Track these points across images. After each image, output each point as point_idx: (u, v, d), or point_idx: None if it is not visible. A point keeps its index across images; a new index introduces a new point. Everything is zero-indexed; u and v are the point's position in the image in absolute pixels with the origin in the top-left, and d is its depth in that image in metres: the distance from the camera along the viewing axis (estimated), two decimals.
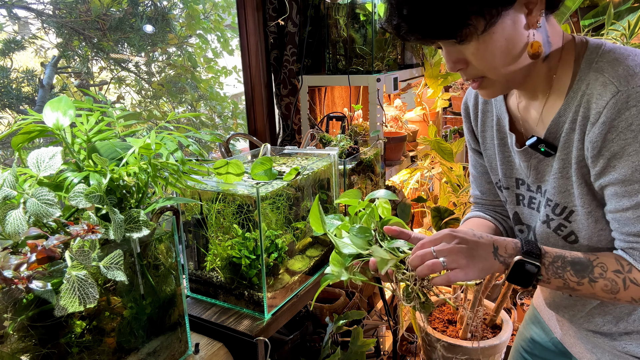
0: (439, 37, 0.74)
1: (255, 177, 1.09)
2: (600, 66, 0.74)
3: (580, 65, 0.77)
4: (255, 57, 1.87)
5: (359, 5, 1.88)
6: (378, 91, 1.83)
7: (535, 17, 0.73)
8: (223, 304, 1.15)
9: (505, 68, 0.76)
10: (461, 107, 1.06)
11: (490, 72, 0.77)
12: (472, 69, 0.78)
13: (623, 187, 0.73)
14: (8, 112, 1.61)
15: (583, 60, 0.77)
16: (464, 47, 0.75)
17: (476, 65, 0.77)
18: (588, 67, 0.75)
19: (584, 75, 0.76)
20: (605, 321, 0.90)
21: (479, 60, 0.76)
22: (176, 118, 0.95)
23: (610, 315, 0.89)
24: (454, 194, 2.06)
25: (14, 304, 0.65)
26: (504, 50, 0.74)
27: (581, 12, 2.05)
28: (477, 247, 0.76)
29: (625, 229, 0.75)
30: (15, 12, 1.62)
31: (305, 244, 1.27)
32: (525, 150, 0.88)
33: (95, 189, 0.71)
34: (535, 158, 0.87)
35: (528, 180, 0.92)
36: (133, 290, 0.82)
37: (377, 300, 2.04)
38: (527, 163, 0.89)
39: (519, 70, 0.77)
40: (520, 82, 0.81)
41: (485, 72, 0.78)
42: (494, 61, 0.75)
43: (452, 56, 0.78)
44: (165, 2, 2.05)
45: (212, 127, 2.46)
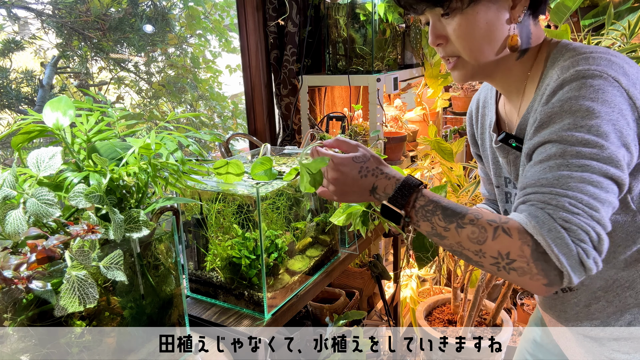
0: (429, 3, 0.79)
1: (255, 177, 1.09)
2: (559, 62, 0.77)
3: (547, 64, 0.81)
4: (255, 57, 1.87)
5: (359, 5, 1.88)
6: (378, 91, 1.83)
7: (518, 12, 0.78)
8: (223, 304, 1.14)
9: (480, 52, 0.81)
10: (466, 114, 1.11)
11: (465, 53, 0.81)
12: (450, 46, 0.83)
13: (540, 149, 0.72)
14: (7, 113, 1.61)
15: (549, 59, 0.80)
16: (448, 22, 0.80)
17: (455, 42, 0.81)
18: (552, 65, 0.79)
19: (547, 72, 0.79)
20: (593, 325, 0.88)
21: (457, 38, 0.80)
22: (176, 118, 0.95)
23: (598, 319, 0.88)
24: (454, 194, 2.06)
25: (14, 304, 0.65)
26: (483, 34, 0.79)
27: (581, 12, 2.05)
28: (354, 185, 0.79)
29: (524, 182, 0.72)
30: (14, 12, 1.62)
31: (305, 244, 1.27)
32: (501, 146, 0.91)
33: (95, 189, 0.71)
34: (512, 154, 0.90)
35: (511, 177, 0.95)
36: (133, 290, 0.81)
37: (377, 300, 2.04)
38: (506, 159, 0.92)
39: (493, 60, 0.81)
40: (491, 73, 0.85)
41: (461, 51, 0.82)
42: (471, 42, 0.80)
43: (435, 30, 0.82)
44: (165, 2, 2.05)
45: (212, 127, 2.46)
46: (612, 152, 0.67)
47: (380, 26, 1.93)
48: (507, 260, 0.66)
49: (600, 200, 0.65)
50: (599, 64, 0.70)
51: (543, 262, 0.64)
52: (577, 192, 0.65)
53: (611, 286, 0.84)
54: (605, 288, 0.85)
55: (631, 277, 0.82)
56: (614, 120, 0.67)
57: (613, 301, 0.85)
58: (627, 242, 0.80)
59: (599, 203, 0.65)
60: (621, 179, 0.67)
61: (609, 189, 0.66)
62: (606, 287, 0.84)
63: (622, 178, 0.67)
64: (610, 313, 0.86)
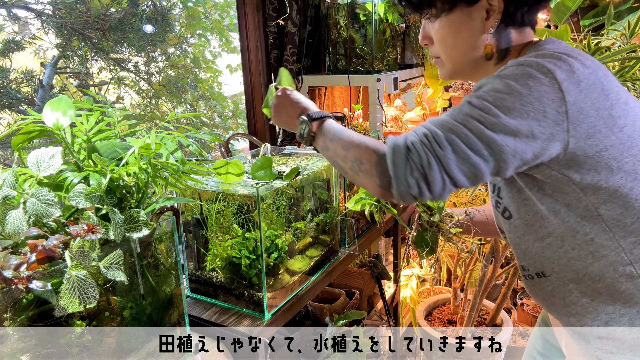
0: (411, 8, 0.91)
1: (255, 177, 1.09)
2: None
3: None
4: (255, 57, 1.87)
5: (359, 5, 1.88)
6: (378, 91, 1.83)
7: (491, 24, 0.84)
8: (223, 304, 1.15)
9: (454, 56, 0.89)
10: None
11: (443, 54, 0.90)
12: (433, 47, 0.92)
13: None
14: (7, 113, 1.61)
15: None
16: (432, 25, 0.89)
17: (436, 44, 0.90)
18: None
19: None
20: (577, 318, 0.89)
21: (437, 41, 0.90)
22: (176, 118, 0.95)
23: (578, 314, 0.88)
24: (454, 194, 2.06)
25: (14, 304, 0.65)
26: (456, 40, 0.87)
27: (581, 12, 2.05)
28: (289, 107, 0.97)
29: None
30: (14, 12, 1.62)
31: (305, 244, 1.27)
32: None
33: (95, 189, 0.71)
34: None
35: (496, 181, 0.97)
36: (133, 290, 0.81)
37: (377, 300, 2.04)
38: None
39: (467, 62, 0.89)
40: (469, 74, 0.92)
41: (440, 52, 0.91)
42: (446, 46, 0.89)
43: (424, 31, 0.92)
44: (165, 2, 2.05)
45: (212, 126, 2.46)
46: (501, 123, 0.71)
47: (380, 26, 1.93)
48: (359, 163, 0.79)
49: (454, 147, 0.71)
50: (543, 57, 0.75)
51: (382, 167, 0.76)
52: (439, 130, 0.73)
53: (582, 278, 0.85)
54: (576, 280, 0.86)
55: (601, 271, 0.82)
56: (524, 102, 0.71)
57: (586, 292, 0.86)
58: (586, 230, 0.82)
59: (451, 147, 0.71)
60: (496, 145, 0.71)
61: (474, 147, 0.71)
62: (577, 279, 0.86)
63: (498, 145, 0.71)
64: (586, 305, 0.86)
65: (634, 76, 1.49)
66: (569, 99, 0.72)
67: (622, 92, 0.79)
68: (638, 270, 0.80)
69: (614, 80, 0.78)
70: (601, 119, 0.74)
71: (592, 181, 0.77)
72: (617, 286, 0.82)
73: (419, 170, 0.72)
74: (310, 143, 0.91)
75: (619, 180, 0.77)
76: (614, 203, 0.78)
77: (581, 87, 0.73)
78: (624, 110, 0.77)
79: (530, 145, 0.72)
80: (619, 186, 0.77)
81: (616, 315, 0.83)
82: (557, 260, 0.86)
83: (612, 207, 0.79)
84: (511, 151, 0.71)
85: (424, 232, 1.00)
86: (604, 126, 0.75)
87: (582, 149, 0.75)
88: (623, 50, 1.44)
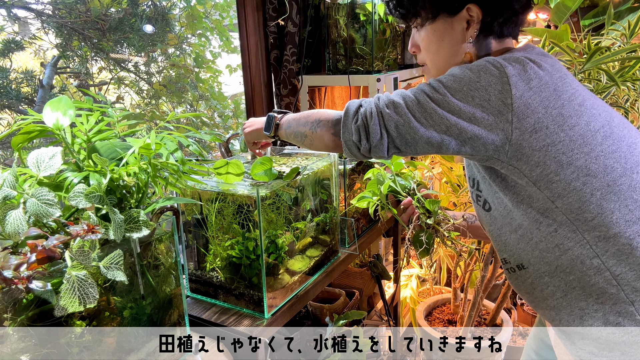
0: (399, 18, 0.98)
1: (255, 177, 1.09)
2: None
3: None
4: (255, 57, 1.87)
5: (359, 5, 1.88)
6: (378, 91, 1.83)
7: (470, 34, 0.90)
8: (223, 304, 1.15)
9: (439, 61, 0.95)
10: None
11: (428, 61, 0.98)
12: (420, 55, 1.00)
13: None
14: (7, 113, 1.61)
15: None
16: (419, 33, 0.96)
17: (422, 51, 0.98)
18: None
19: None
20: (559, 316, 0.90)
21: (423, 48, 0.97)
22: (176, 118, 0.95)
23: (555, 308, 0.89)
24: (454, 194, 2.06)
25: (14, 304, 0.65)
26: (439, 49, 0.94)
27: (581, 12, 2.05)
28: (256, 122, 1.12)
29: None
30: (14, 12, 1.62)
31: (305, 244, 1.27)
32: None
33: (95, 189, 0.71)
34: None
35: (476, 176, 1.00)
36: (133, 290, 0.82)
37: (377, 300, 2.04)
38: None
39: (449, 68, 0.91)
40: None
41: (426, 59, 0.98)
42: (430, 53, 0.96)
43: (413, 39, 1.00)
44: (165, 2, 2.05)
45: (213, 126, 2.46)
46: (446, 101, 0.81)
47: (380, 26, 1.93)
48: (317, 122, 0.93)
49: (398, 109, 0.83)
50: (503, 58, 0.83)
51: (337, 119, 0.91)
52: (392, 96, 0.85)
53: (555, 271, 0.87)
54: (550, 273, 0.88)
55: (570, 263, 0.84)
56: (472, 87, 0.80)
57: (559, 285, 0.87)
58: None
59: (395, 108, 0.83)
60: (437, 116, 0.80)
61: (416, 114, 0.82)
62: (550, 271, 0.88)
63: (439, 116, 0.80)
64: (560, 299, 0.88)
65: (634, 76, 1.49)
66: (515, 93, 0.78)
67: (579, 95, 0.83)
68: (605, 263, 0.81)
69: (572, 84, 0.84)
70: (550, 116, 0.79)
71: (543, 173, 0.81)
72: (587, 279, 0.83)
73: (363, 120, 0.84)
74: (275, 131, 1.04)
75: (570, 174, 0.80)
76: (568, 197, 0.81)
77: (531, 85, 0.80)
78: (577, 111, 0.81)
79: (470, 127, 0.80)
80: (570, 180, 0.80)
81: (590, 311, 0.85)
82: (530, 252, 0.89)
83: (569, 202, 0.81)
84: (450, 125, 0.80)
85: (420, 232, 1.04)
86: (553, 123, 0.79)
87: (528, 142, 0.80)
88: (623, 50, 1.44)
